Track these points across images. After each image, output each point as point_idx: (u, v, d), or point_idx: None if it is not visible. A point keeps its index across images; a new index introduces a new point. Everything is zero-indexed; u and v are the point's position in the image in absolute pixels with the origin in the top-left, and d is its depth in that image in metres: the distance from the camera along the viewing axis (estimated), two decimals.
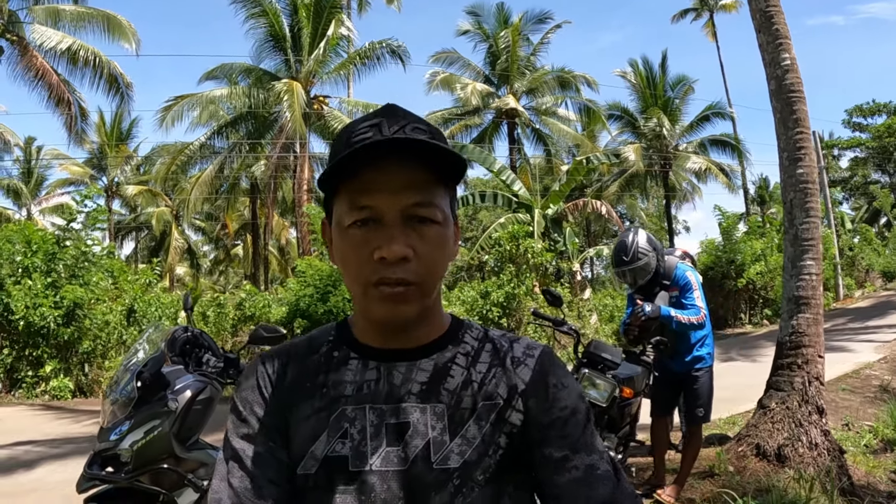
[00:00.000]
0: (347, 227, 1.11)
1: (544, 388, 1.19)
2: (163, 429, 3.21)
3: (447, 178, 1.13)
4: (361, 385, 1.16)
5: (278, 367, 1.22)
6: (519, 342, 1.25)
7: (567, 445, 1.15)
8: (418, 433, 1.12)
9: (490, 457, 1.13)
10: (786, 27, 6.16)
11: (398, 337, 1.18)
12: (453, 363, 1.19)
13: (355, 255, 1.10)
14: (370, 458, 1.11)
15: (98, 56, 20.13)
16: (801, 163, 5.99)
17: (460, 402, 1.15)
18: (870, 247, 33.40)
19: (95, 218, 13.45)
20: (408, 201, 1.08)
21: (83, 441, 8.16)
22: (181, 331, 3.68)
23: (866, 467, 6.08)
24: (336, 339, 1.24)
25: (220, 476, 1.16)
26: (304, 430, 1.15)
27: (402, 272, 1.08)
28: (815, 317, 5.94)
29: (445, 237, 1.14)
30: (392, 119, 1.12)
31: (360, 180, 1.08)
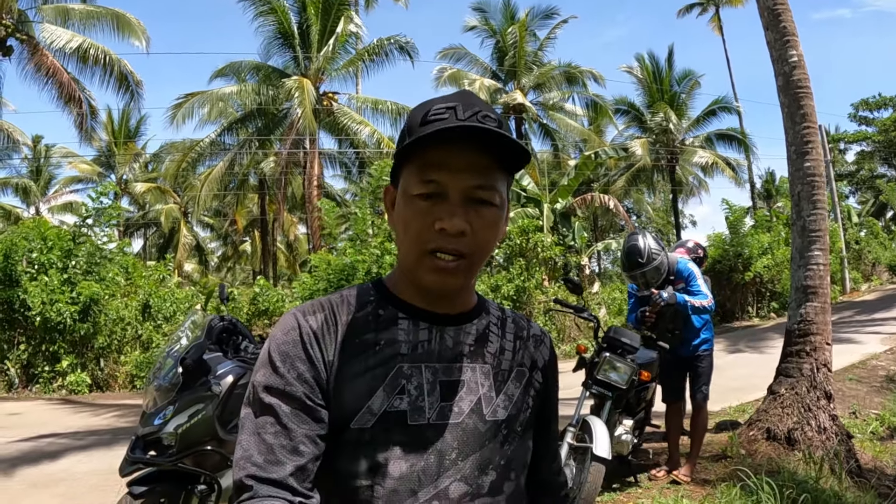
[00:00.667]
0: (414, 195, 1.19)
1: (552, 370, 1.45)
2: (207, 412, 3.35)
3: (508, 165, 1.23)
4: (416, 345, 1.24)
5: (322, 322, 1.23)
6: (532, 323, 1.47)
7: (553, 418, 1.47)
8: (471, 390, 1.25)
9: (523, 412, 1.31)
10: (793, 24, 6.29)
11: (442, 302, 1.28)
12: (489, 330, 1.34)
13: (417, 223, 1.18)
14: (427, 412, 1.20)
15: (108, 54, 20.21)
16: (808, 156, 6.14)
17: (500, 364, 1.31)
18: (876, 240, 33.35)
19: (111, 215, 13.60)
20: (470, 182, 1.18)
21: (105, 433, 8.35)
22: (217, 319, 3.80)
23: (873, 452, 6.24)
24: (378, 298, 1.29)
25: (248, 431, 1.17)
26: (357, 386, 1.18)
27: (457, 244, 1.17)
28: (822, 305, 6.09)
29: (499, 219, 1.23)
30: (467, 104, 1.20)
31: (430, 157, 1.17)
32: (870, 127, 53.91)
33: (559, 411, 1.51)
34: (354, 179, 34.71)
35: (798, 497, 4.63)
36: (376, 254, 13.02)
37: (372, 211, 14.34)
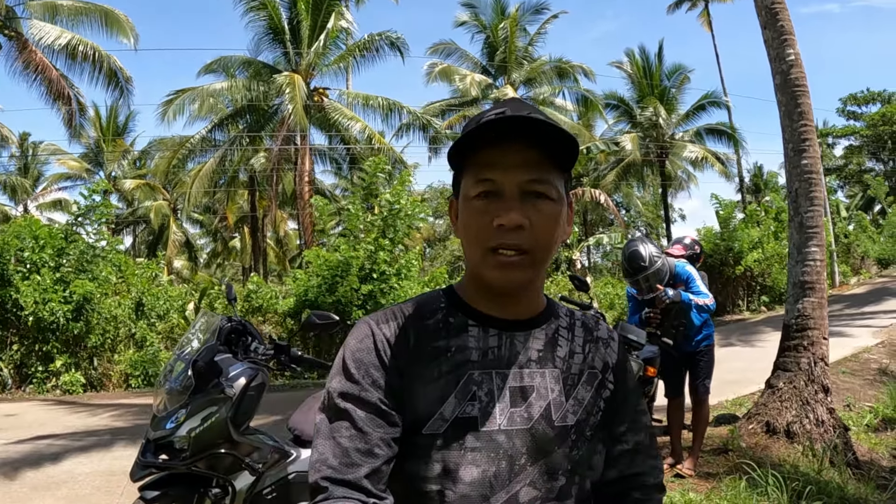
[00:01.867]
0: (472, 198, 1.23)
1: (623, 371, 1.41)
2: (220, 415, 3.34)
3: (562, 161, 1.25)
4: (486, 351, 1.27)
5: (395, 330, 1.28)
6: (601, 324, 1.45)
7: (626, 421, 1.39)
8: (540, 395, 1.27)
9: (593, 416, 1.31)
10: (790, 23, 6.35)
11: (510, 306, 1.30)
12: (558, 335, 1.34)
13: (477, 223, 1.22)
14: (497, 418, 1.23)
15: (97, 50, 20.02)
16: (805, 154, 6.19)
17: (570, 368, 1.32)
18: (865, 234, 33.58)
19: (102, 212, 13.53)
20: (524, 177, 1.20)
21: (104, 433, 8.32)
22: (225, 320, 3.80)
23: (868, 444, 6.32)
24: (448, 305, 1.33)
25: (323, 436, 1.22)
26: (430, 393, 1.23)
27: (517, 239, 1.19)
28: (819, 300, 6.16)
29: (558, 214, 1.25)
30: (516, 107, 1.23)
31: (484, 157, 1.22)
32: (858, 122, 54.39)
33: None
34: (345, 175, 34.66)
35: (803, 489, 4.70)
36: (370, 249, 13.03)
37: (364, 207, 14.32)
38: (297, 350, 3.83)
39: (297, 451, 3.66)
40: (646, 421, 1.43)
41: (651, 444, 1.43)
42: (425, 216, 16.28)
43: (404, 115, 25.54)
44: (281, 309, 14.01)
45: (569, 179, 1.31)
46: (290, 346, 3.81)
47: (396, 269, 13.37)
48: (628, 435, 1.39)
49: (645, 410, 1.45)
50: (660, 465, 1.45)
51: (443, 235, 48.33)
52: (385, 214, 13.43)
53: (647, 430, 1.43)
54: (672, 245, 6.54)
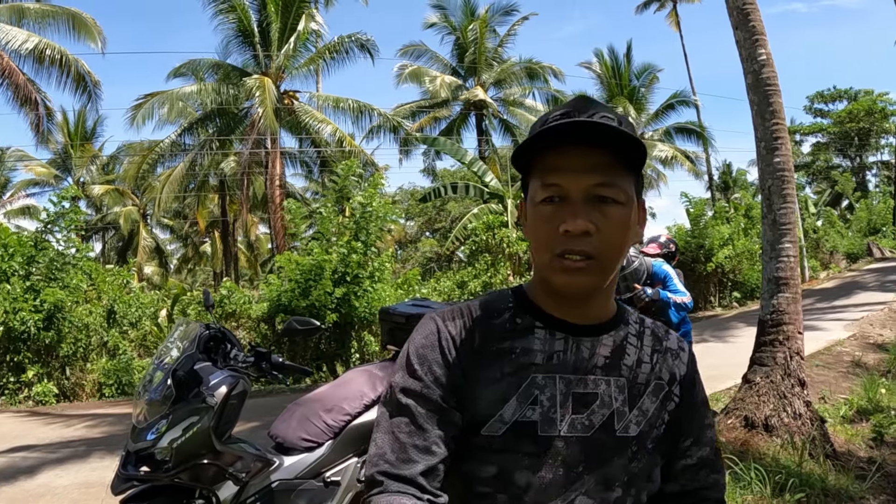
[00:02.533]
0: (538, 203, 1.21)
1: (691, 384, 1.37)
2: (202, 424, 3.28)
3: (631, 163, 1.21)
4: (551, 355, 1.25)
5: (461, 327, 1.28)
6: (671, 333, 1.40)
7: (691, 435, 1.35)
8: (604, 403, 1.24)
9: (657, 429, 1.28)
10: (762, 24, 6.41)
11: (579, 310, 1.28)
12: (627, 342, 1.31)
13: (544, 228, 1.20)
14: (558, 424, 1.21)
15: (64, 54, 19.76)
16: (777, 152, 6.25)
17: (637, 378, 1.29)
18: (833, 229, 34.00)
19: (72, 219, 13.31)
20: (591, 181, 1.17)
21: (79, 444, 8.17)
22: (203, 328, 3.74)
23: (845, 435, 6.39)
24: (516, 306, 1.31)
25: (383, 430, 1.23)
26: (491, 394, 1.22)
27: (583, 245, 1.16)
28: (794, 296, 6.22)
29: (627, 217, 1.21)
30: (582, 108, 1.20)
31: (550, 162, 1.19)
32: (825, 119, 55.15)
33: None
34: (315, 178, 34.52)
35: (786, 482, 4.75)
36: (343, 252, 12.96)
37: (336, 210, 14.25)
38: (277, 356, 3.80)
39: (279, 458, 3.63)
40: (711, 435, 1.39)
41: (716, 459, 1.39)
42: (397, 218, 16.25)
43: (375, 117, 25.56)
44: (254, 314, 13.87)
45: (639, 180, 1.28)
46: (271, 353, 3.78)
47: (370, 272, 13.30)
48: (693, 449, 1.36)
49: (711, 424, 1.41)
50: (723, 480, 1.40)
51: (414, 237, 48.30)
52: (357, 217, 13.36)
53: (712, 444, 1.38)
54: (647, 244, 6.57)
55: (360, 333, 13.39)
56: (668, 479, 1.34)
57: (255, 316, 13.89)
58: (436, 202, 39.45)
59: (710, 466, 1.37)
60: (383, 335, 4.47)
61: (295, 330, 3.81)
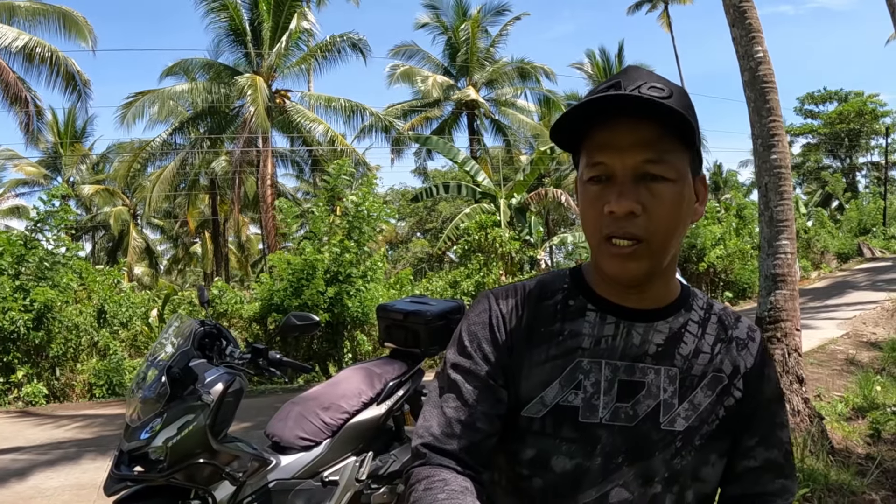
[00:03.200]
0: (586, 182, 1.15)
1: (759, 378, 1.26)
2: (198, 423, 3.21)
3: (683, 136, 1.13)
4: (599, 339, 1.20)
5: (512, 307, 1.25)
6: (741, 321, 1.31)
7: (756, 434, 1.25)
8: (651, 394, 1.18)
9: (708, 424, 1.19)
10: (758, 21, 6.38)
11: (634, 295, 1.21)
12: (686, 329, 1.23)
13: (590, 210, 1.14)
14: (600, 411, 1.16)
15: (55, 53, 19.63)
16: (774, 149, 6.22)
17: (691, 369, 1.20)
18: (824, 229, 34.06)
19: (62, 218, 13.19)
20: (637, 158, 1.10)
21: (70, 445, 8.10)
22: (197, 324, 3.66)
23: (842, 432, 6.39)
24: (571, 287, 1.27)
25: (432, 403, 1.22)
26: (535, 375, 1.19)
27: (630, 227, 1.10)
28: (791, 293, 6.19)
29: (680, 195, 1.14)
30: (629, 79, 1.12)
31: (596, 138, 1.13)
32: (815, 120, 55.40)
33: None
34: (306, 178, 34.45)
35: None
36: (336, 252, 12.90)
37: (329, 210, 14.18)
38: (275, 353, 3.72)
39: (276, 458, 3.56)
40: (782, 436, 1.28)
41: (785, 463, 1.28)
42: (389, 218, 16.18)
43: (366, 116, 25.46)
44: (246, 314, 13.79)
45: (696, 155, 1.19)
46: (269, 350, 3.70)
47: (362, 272, 13.24)
48: (758, 450, 1.25)
49: (784, 424, 1.30)
50: (792, 486, 1.28)
51: (405, 238, 48.23)
52: (351, 216, 13.30)
53: (782, 446, 1.28)
54: None
55: (353, 333, 13.32)
56: (730, 480, 1.26)
57: (246, 316, 13.82)
58: (426, 202, 39.42)
59: (776, 470, 1.26)
60: (381, 332, 4.41)
61: (294, 326, 3.73)
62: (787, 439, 1.28)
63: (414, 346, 4.13)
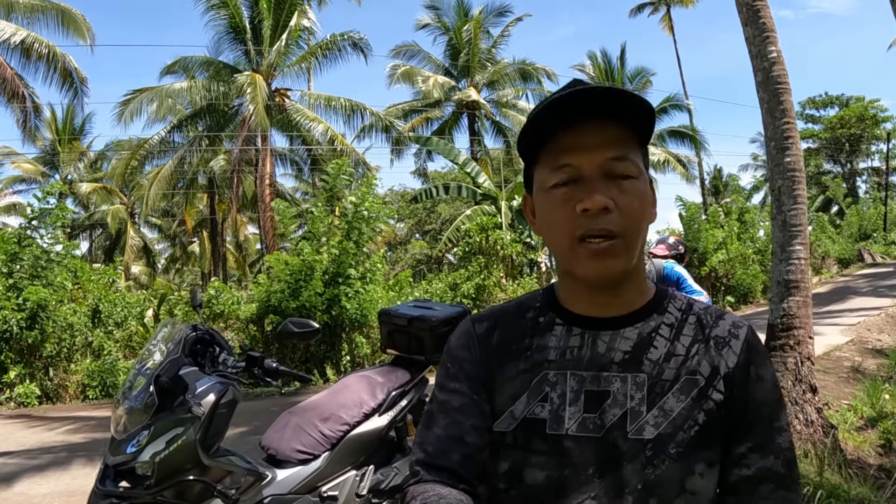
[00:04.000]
0: (550, 188, 1.15)
1: (744, 378, 1.18)
2: (187, 437, 3.00)
3: (639, 135, 1.17)
4: (565, 351, 1.20)
5: (487, 327, 1.29)
6: (724, 319, 1.24)
7: (749, 440, 1.16)
8: (617, 402, 1.14)
9: (685, 431, 1.13)
10: (772, 21, 6.25)
11: (604, 302, 1.20)
12: (657, 333, 1.20)
13: (560, 213, 1.14)
14: (567, 422, 1.15)
15: (52, 49, 19.59)
16: (788, 152, 6.08)
17: (662, 374, 1.16)
18: (825, 234, 33.98)
19: (58, 216, 13.00)
20: (605, 156, 1.12)
21: (60, 450, 7.93)
22: (189, 329, 3.46)
23: (854, 443, 6.26)
24: (543, 304, 1.28)
25: (424, 423, 1.26)
26: (506, 390, 1.21)
27: (604, 223, 1.10)
28: (804, 299, 6.06)
29: (644, 191, 1.16)
30: (583, 84, 1.14)
31: (560, 142, 1.13)
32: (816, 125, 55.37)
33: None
34: (305, 178, 34.31)
35: (814, 494, 4.56)
36: (335, 254, 12.74)
37: (328, 210, 14.02)
38: (271, 361, 3.53)
39: (272, 472, 3.36)
40: (781, 443, 1.18)
41: (786, 473, 1.16)
42: (389, 219, 16.04)
43: (367, 116, 25.35)
44: (243, 315, 13.61)
45: (646, 154, 1.23)
46: (265, 357, 3.50)
47: (361, 273, 13.08)
48: (751, 458, 1.16)
49: (783, 429, 1.18)
50: (794, 498, 1.17)
51: (404, 239, 48.09)
52: (350, 217, 13.13)
53: (781, 453, 1.17)
54: (656, 245, 6.39)
55: (351, 335, 13.14)
56: (726, 491, 1.17)
57: (243, 317, 13.65)
58: (426, 204, 39.29)
59: (775, 481, 1.15)
60: (383, 338, 4.22)
61: (292, 333, 3.55)
62: (787, 446, 1.19)
63: (418, 352, 3.95)
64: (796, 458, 1.19)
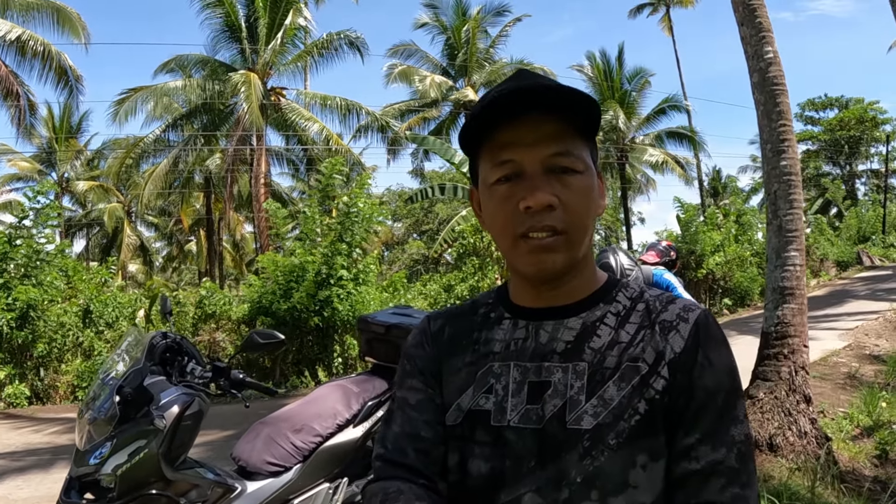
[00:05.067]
0: (492, 184, 1.14)
1: (691, 363, 1.11)
2: (150, 450, 2.90)
3: (584, 129, 1.14)
4: (509, 343, 1.20)
5: (440, 324, 1.32)
6: (675, 303, 1.18)
7: (697, 432, 1.08)
8: (557, 392, 1.13)
9: (625, 420, 1.08)
10: (768, 20, 6.14)
11: (549, 293, 1.19)
12: (602, 322, 1.17)
13: (502, 210, 1.12)
14: (509, 413, 1.15)
15: (48, 47, 19.54)
16: (784, 155, 5.96)
17: (603, 362, 1.13)
18: (823, 237, 33.93)
19: (48, 215, 12.87)
20: (547, 151, 1.10)
21: (45, 452, 7.86)
22: (159, 337, 3.36)
23: (849, 453, 6.10)
24: (494, 300, 1.29)
25: (385, 422, 1.29)
26: (453, 383, 1.23)
27: (548, 220, 1.09)
28: (799, 307, 5.94)
29: (589, 186, 1.14)
30: (525, 78, 1.13)
31: (500, 138, 1.12)
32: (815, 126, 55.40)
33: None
34: (302, 177, 34.21)
35: None
36: (326, 254, 12.62)
37: (321, 210, 13.89)
38: (238, 372, 3.41)
39: (241, 484, 3.23)
40: (735, 434, 1.08)
41: (740, 468, 1.06)
42: (384, 219, 15.91)
43: (363, 116, 25.27)
44: (235, 316, 13.48)
45: (594, 148, 1.20)
46: (231, 368, 3.39)
47: (354, 275, 12.95)
48: (700, 450, 1.07)
49: (738, 420, 1.09)
50: (749, 496, 1.06)
51: (401, 239, 48.02)
52: (342, 218, 13.01)
53: (733, 447, 1.07)
54: (647, 250, 6.28)
55: (343, 337, 13.03)
56: (673, 486, 1.08)
57: (235, 318, 13.52)
58: (423, 204, 39.22)
59: (727, 475, 1.05)
60: (362, 346, 4.10)
61: (257, 344, 3.42)
62: (741, 438, 1.09)
63: (396, 361, 3.81)
64: (753, 453, 1.11)
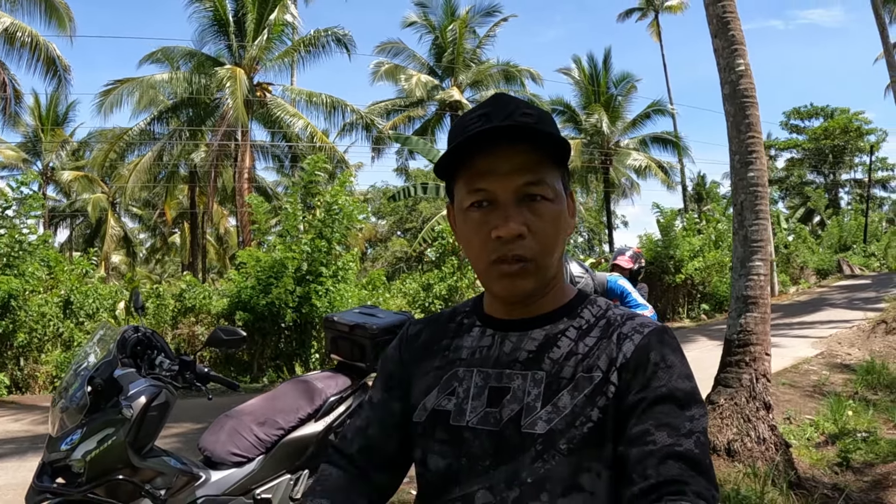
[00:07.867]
0: (466, 209, 1.21)
1: (644, 365, 1.14)
2: (117, 437, 3.04)
3: (556, 157, 1.20)
4: (475, 350, 1.28)
5: (417, 329, 1.41)
6: (633, 320, 1.23)
7: (651, 421, 1.07)
8: (515, 398, 1.19)
9: (577, 428, 1.13)
10: (741, 33, 6.23)
11: (518, 308, 1.27)
12: (563, 335, 1.23)
13: (476, 236, 1.19)
14: (467, 415, 1.22)
15: (35, 38, 19.50)
16: (752, 166, 6.07)
17: (560, 372, 1.19)
18: (804, 245, 34.20)
19: (31, 205, 12.87)
20: (519, 181, 1.16)
21: (23, 440, 7.89)
22: (131, 331, 3.48)
23: (810, 460, 6.22)
24: (471, 309, 1.37)
25: (349, 415, 1.49)
26: (421, 384, 1.31)
27: (518, 249, 1.16)
28: (762, 316, 6.04)
29: (558, 213, 1.20)
30: (500, 108, 1.19)
31: (475, 167, 1.18)
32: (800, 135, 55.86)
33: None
34: (287, 172, 34.18)
35: None
36: (307, 250, 12.69)
37: (303, 206, 13.96)
38: (203, 366, 3.54)
39: (206, 473, 3.36)
40: (693, 427, 1.06)
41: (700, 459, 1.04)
42: (366, 217, 15.97)
43: (348, 113, 25.27)
44: (214, 310, 13.53)
45: (566, 172, 1.27)
46: (195, 363, 3.52)
47: (333, 272, 13.03)
48: (658, 435, 1.05)
49: (695, 418, 1.07)
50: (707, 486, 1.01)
51: (384, 236, 48.06)
52: (323, 215, 13.08)
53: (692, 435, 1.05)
54: (615, 256, 6.41)
55: (321, 333, 13.10)
56: (626, 480, 1.05)
57: (214, 312, 13.56)
58: (407, 202, 39.24)
59: (687, 461, 1.02)
60: (327, 344, 4.24)
61: (220, 340, 3.56)
62: (700, 429, 1.07)
63: (360, 359, 3.95)
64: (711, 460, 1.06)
